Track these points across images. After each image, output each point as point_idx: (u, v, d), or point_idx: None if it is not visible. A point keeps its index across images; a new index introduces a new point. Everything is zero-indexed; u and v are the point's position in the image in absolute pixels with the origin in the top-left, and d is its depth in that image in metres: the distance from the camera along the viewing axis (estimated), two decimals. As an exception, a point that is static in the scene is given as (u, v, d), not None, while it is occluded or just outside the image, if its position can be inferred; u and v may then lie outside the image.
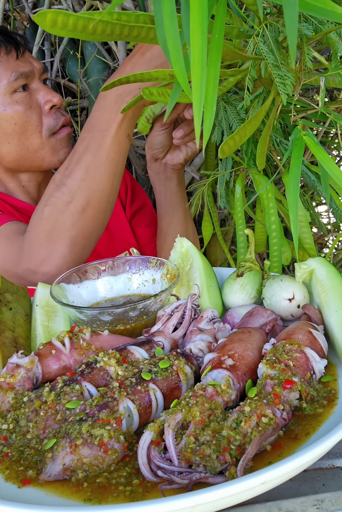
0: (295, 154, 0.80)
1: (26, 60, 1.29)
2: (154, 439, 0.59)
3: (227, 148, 0.85)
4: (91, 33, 0.65)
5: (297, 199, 0.76)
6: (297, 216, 0.76)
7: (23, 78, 1.27)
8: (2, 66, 1.26)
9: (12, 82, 1.25)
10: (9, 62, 1.26)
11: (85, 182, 1.08)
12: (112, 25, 0.65)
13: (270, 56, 0.78)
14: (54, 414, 0.66)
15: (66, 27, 0.63)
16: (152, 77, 0.81)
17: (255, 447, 0.57)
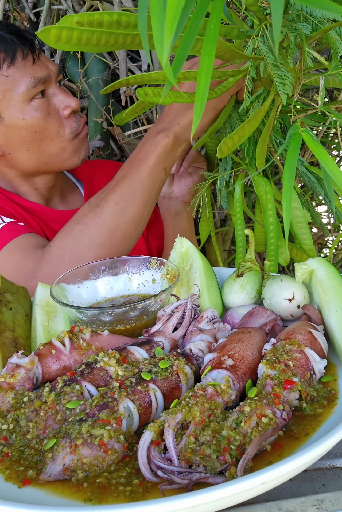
0: (292, 146, 0.80)
1: (42, 64, 1.25)
2: (154, 439, 0.59)
3: (225, 148, 0.85)
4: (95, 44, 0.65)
5: (291, 187, 0.76)
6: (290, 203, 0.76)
7: (41, 84, 1.22)
8: (19, 72, 1.21)
9: (31, 89, 1.20)
10: (26, 67, 1.21)
11: (117, 205, 1.11)
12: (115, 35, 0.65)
13: (270, 56, 0.78)
14: (54, 414, 0.66)
15: (70, 41, 0.64)
16: (152, 79, 0.82)
17: (255, 447, 0.57)
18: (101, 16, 0.64)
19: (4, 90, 1.20)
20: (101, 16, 0.64)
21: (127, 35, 0.65)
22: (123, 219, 1.12)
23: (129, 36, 0.66)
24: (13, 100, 1.21)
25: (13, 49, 1.19)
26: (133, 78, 0.82)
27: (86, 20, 0.64)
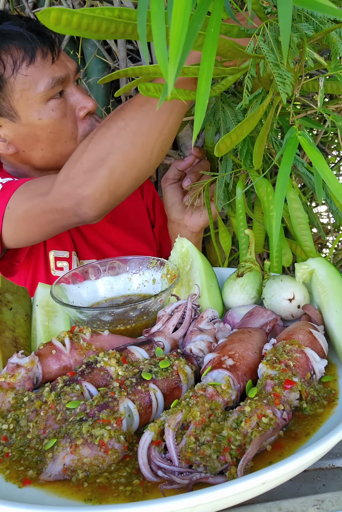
0: (287, 152, 0.80)
1: (61, 63, 1.22)
2: (154, 439, 0.59)
3: (223, 147, 0.85)
4: (95, 31, 0.65)
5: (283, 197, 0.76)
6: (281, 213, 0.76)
7: (59, 84, 1.20)
8: (38, 72, 1.18)
9: (49, 89, 1.18)
10: (45, 67, 1.18)
11: (139, 113, 1.07)
12: (116, 23, 0.65)
13: (271, 55, 0.78)
14: (55, 414, 0.66)
15: (70, 25, 0.63)
16: (150, 72, 0.81)
17: (255, 447, 0.57)
18: (102, 12, 0.64)
19: (22, 90, 1.18)
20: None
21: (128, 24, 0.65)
22: (145, 126, 1.06)
23: (130, 25, 0.65)
24: (30, 99, 1.19)
25: (33, 48, 1.16)
26: (132, 70, 0.82)
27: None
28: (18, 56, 1.16)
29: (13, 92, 1.18)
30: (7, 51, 1.17)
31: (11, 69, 1.16)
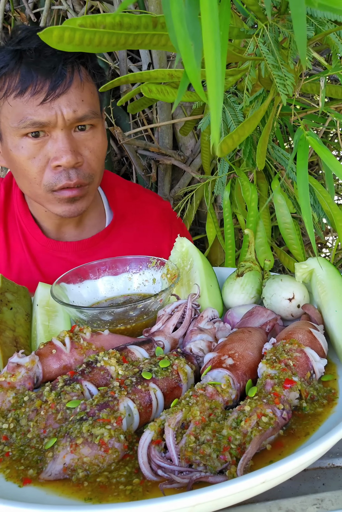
0: (300, 156, 0.79)
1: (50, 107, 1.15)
2: (154, 439, 0.59)
3: (225, 147, 0.85)
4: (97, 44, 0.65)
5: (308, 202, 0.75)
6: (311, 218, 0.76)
7: (35, 126, 1.15)
8: (20, 107, 1.15)
9: (21, 128, 1.16)
10: (29, 105, 1.15)
11: None
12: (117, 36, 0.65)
13: (270, 56, 0.78)
14: (55, 414, 0.67)
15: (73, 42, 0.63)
16: (151, 77, 0.82)
17: (255, 446, 0.57)
18: (103, 18, 0.64)
19: (4, 117, 1.19)
20: (103, 18, 0.64)
21: (129, 35, 0.65)
22: None
23: (131, 37, 0.66)
24: (8, 129, 1.20)
25: (26, 82, 1.14)
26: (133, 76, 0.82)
27: (89, 23, 0.64)
28: (11, 83, 1.16)
29: (0, 115, 1.21)
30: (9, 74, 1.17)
31: (3, 93, 1.18)
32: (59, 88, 1.14)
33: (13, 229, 1.41)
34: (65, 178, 1.20)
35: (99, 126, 1.25)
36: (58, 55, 1.15)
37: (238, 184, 1.16)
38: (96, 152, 1.25)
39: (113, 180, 1.56)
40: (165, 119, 1.81)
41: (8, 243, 1.41)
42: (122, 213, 1.49)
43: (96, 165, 1.26)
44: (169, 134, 1.86)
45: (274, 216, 2.06)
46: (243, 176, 1.12)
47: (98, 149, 1.25)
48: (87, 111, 1.19)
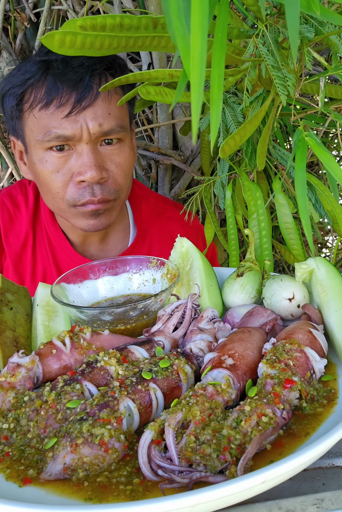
0: (298, 157, 0.79)
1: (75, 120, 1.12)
2: (154, 438, 0.59)
3: (227, 148, 0.85)
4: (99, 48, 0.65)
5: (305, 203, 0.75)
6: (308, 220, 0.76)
7: (60, 140, 1.13)
8: (45, 120, 1.13)
9: (45, 141, 1.14)
10: (53, 118, 1.12)
11: None
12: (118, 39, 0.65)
13: (269, 57, 0.78)
14: (55, 414, 0.67)
15: (74, 46, 0.63)
16: (151, 77, 0.82)
17: (255, 446, 0.57)
18: (104, 19, 0.64)
19: (30, 129, 1.17)
20: (104, 19, 0.64)
21: (130, 38, 0.65)
22: None
23: (131, 39, 0.66)
24: (33, 141, 1.18)
25: (52, 94, 1.12)
26: (133, 76, 0.82)
27: (89, 24, 0.64)
28: (37, 95, 1.14)
29: (25, 127, 1.19)
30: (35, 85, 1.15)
31: (28, 105, 1.16)
32: (85, 100, 1.11)
33: (40, 237, 1.40)
34: (89, 194, 1.17)
35: (126, 140, 1.22)
36: (86, 66, 1.12)
37: (239, 184, 1.16)
38: (123, 167, 1.21)
39: (141, 192, 1.52)
40: (165, 119, 1.81)
41: (35, 250, 1.40)
42: (146, 230, 1.46)
43: (122, 180, 1.22)
44: (169, 134, 1.86)
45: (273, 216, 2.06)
46: (244, 176, 1.12)
47: (125, 164, 1.22)
48: (113, 125, 1.16)
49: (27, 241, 1.39)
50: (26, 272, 1.39)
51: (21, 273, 1.39)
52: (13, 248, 1.39)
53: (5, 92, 1.20)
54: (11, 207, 1.40)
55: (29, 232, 1.39)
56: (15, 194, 1.43)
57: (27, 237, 1.39)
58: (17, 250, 1.39)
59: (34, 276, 1.39)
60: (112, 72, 1.18)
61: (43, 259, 1.40)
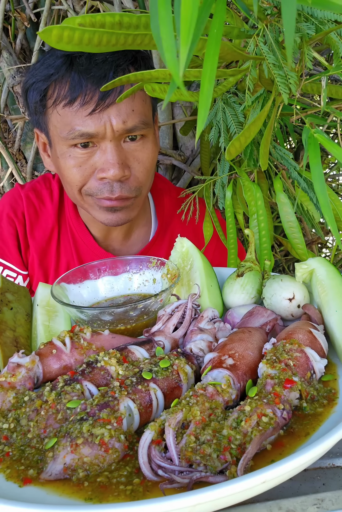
0: (312, 154, 0.78)
1: (99, 118, 1.12)
2: (155, 439, 0.59)
3: (233, 150, 0.85)
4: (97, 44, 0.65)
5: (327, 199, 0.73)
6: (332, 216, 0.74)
7: (84, 138, 1.14)
8: (69, 117, 1.13)
9: (70, 139, 1.15)
10: (78, 115, 1.13)
11: None
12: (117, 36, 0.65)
13: (271, 56, 0.78)
14: (55, 414, 0.67)
15: (72, 42, 0.63)
16: (152, 77, 0.82)
17: (255, 446, 0.57)
18: (103, 18, 0.64)
19: (54, 125, 1.18)
20: (103, 17, 0.64)
21: (129, 35, 0.65)
22: None
23: (130, 36, 0.66)
24: (57, 137, 1.19)
25: (76, 92, 1.12)
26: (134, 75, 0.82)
27: (88, 22, 0.64)
28: (61, 91, 1.14)
29: (49, 122, 1.20)
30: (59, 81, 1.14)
31: (52, 101, 1.16)
32: (109, 98, 1.11)
33: (64, 231, 1.42)
34: (107, 191, 1.18)
35: (150, 136, 1.22)
36: (110, 62, 1.12)
37: (239, 184, 1.16)
38: (145, 163, 1.22)
39: (164, 186, 1.52)
40: (165, 119, 1.81)
41: (59, 244, 1.42)
42: (167, 224, 1.46)
43: (144, 177, 1.23)
44: (169, 134, 1.86)
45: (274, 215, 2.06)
46: (244, 176, 1.12)
47: (148, 160, 1.22)
48: (137, 122, 1.16)
49: (52, 236, 1.40)
50: (51, 266, 1.40)
51: (46, 267, 1.40)
52: (39, 243, 1.40)
53: (28, 86, 1.20)
54: (36, 202, 1.42)
55: (55, 226, 1.40)
56: (40, 188, 1.44)
57: (52, 231, 1.40)
58: (42, 244, 1.40)
59: (58, 270, 1.40)
60: (136, 66, 1.18)
61: (67, 253, 1.41)
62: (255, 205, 1.09)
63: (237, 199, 1.20)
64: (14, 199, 1.42)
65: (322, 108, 0.90)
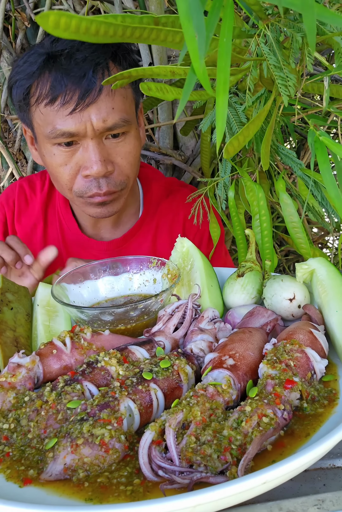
0: (321, 159, 0.77)
1: (80, 117, 1.14)
2: (155, 439, 0.59)
3: (231, 148, 0.85)
4: (94, 34, 0.64)
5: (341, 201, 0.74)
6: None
7: (65, 137, 1.15)
8: (50, 116, 1.14)
9: (51, 138, 1.17)
10: (59, 115, 1.14)
11: None
12: (115, 27, 0.65)
13: (271, 57, 0.78)
14: (55, 414, 0.66)
15: (69, 29, 0.63)
16: (153, 73, 0.81)
17: (255, 446, 0.57)
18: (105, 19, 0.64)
19: (37, 123, 1.20)
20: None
21: (127, 27, 0.64)
22: None
23: (128, 29, 0.65)
24: (41, 135, 1.21)
25: (57, 91, 1.13)
26: (135, 71, 0.82)
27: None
28: (42, 90, 1.15)
29: (33, 120, 1.22)
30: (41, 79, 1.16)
31: (34, 99, 1.17)
32: (89, 97, 1.12)
33: (52, 219, 1.45)
34: (95, 187, 1.21)
35: (132, 131, 1.23)
36: (89, 60, 1.13)
37: (241, 184, 1.16)
38: (129, 158, 1.23)
39: (154, 176, 1.55)
40: (166, 119, 1.81)
41: (46, 232, 1.45)
42: (154, 209, 1.49)
43: (128, 171, 1.25)
44: (170, 134, 1.86)
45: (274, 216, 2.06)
46: (246, 177, 1.12)
47: (131, 155, 1.24)
48: (117, 120, 1.17)
49: (38, 222, 1.44)
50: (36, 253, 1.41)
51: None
52: (25, 229, 1.44)
53: (13, 83, 1.22)
54: (28, 190, 1.47)
55: (41, 214, 1.44)
56: (35, 179, 1.50)
57: (39, 218, 1.44)
58: (27, 230, 1.44)
59: None
60: (116, 63, 1.19)
61: (54, 241, 1.43)
62: (257, 205, 1.09)
63: (238, 198, 1.20)
64: (11, 189, 1.49)
65: (325, 108, 0.89)
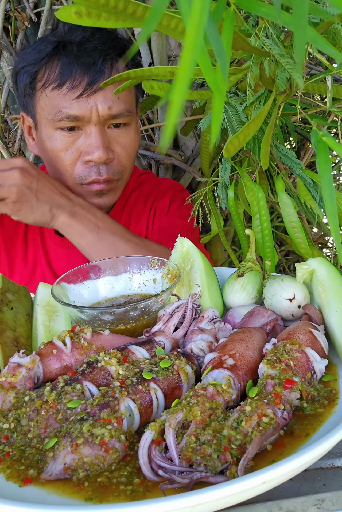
0: (321, 160, 0.77)
1: (86, 102, 1.17)
2: (155, 439, 0.59)
3: (231, 147, 0.85)
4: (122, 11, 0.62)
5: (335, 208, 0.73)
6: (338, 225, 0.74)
7: (69, 120, 1.19)
8: (56, 100, 1.18)
9: (56, 121, 1.19)
10: (65, 98, 1.17)
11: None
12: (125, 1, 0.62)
13: (275, 48, 0.78)
14: (55, 414, 0.66)
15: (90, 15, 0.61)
16: (152, 74, 0.82)
17: (255, 446, 0.57)
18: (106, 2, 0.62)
19: (41, 107, 1.22)
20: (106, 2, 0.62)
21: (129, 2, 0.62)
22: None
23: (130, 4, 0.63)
24: (44, 119, 1.22)
25: (65, 76, 1.16)
26: (134, 72, 0.82)
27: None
28: (51, 75, 1.18)
29: (36, 105, 1.23)
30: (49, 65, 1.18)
31: (41, 84, 1.19)
32: (96, 84, 1.16)
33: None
34: (95, 173, 1.24)
35: (133, 124, 1.28)
36: (99, 50, 1.18)
37: (241, 184, 1.16)
38: (128, 149, 1.27)
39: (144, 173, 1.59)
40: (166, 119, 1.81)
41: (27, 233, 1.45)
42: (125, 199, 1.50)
43: (126, 162, 1.29)
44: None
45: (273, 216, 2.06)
46: (246, 177, 1.12)
47: (130, 146, 1.28)
48: (122, 109, 1.21)
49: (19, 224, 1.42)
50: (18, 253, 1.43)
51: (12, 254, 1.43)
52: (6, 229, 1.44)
53: (19, 69, 1.24)
54: None
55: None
56: None
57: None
58: (9, 230, 1.44)
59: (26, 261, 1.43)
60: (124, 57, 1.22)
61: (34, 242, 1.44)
62: (257, 205, 1.09)
63: (238, 198, 1.21)
64: None
65: (328, 108, 0.89)
